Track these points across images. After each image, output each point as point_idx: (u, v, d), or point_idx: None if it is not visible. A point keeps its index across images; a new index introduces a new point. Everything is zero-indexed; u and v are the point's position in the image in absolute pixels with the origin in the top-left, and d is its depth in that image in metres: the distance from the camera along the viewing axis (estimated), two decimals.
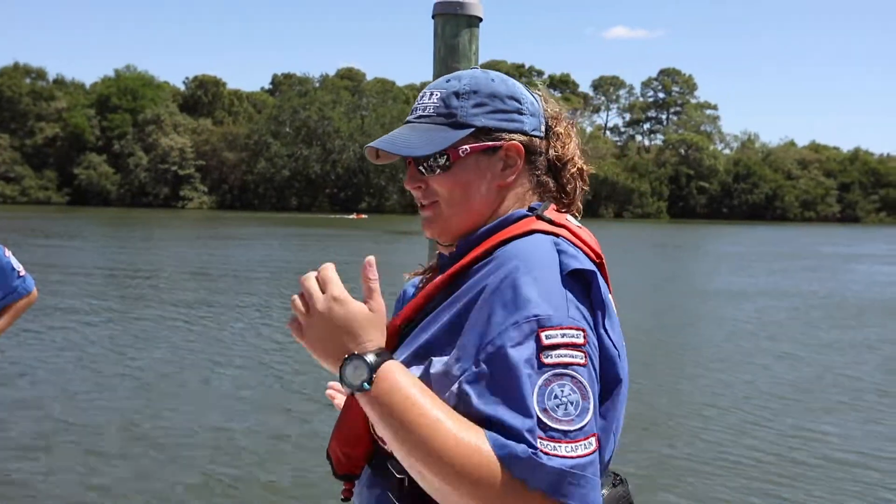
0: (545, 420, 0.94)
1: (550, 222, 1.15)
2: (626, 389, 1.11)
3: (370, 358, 1.01)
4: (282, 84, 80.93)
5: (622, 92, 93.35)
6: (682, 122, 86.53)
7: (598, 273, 1.10)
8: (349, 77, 79.54)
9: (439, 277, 1.15)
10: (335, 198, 69.22)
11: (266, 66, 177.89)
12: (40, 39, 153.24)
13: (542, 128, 1.20)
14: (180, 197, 66.31)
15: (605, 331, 1.07)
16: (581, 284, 1.07)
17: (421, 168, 1.18)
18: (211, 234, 33.27)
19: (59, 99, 68.09)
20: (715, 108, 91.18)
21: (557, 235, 1.12)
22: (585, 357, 0.99)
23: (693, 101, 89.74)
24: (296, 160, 68.24)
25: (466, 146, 1.15)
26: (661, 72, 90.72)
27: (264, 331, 10.85)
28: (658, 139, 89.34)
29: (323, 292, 1.05)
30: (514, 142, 1.16)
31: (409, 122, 1.21)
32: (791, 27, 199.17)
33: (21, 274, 3.58)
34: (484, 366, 0.98)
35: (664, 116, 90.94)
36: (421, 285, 2.56)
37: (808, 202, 78.63)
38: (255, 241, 29.37)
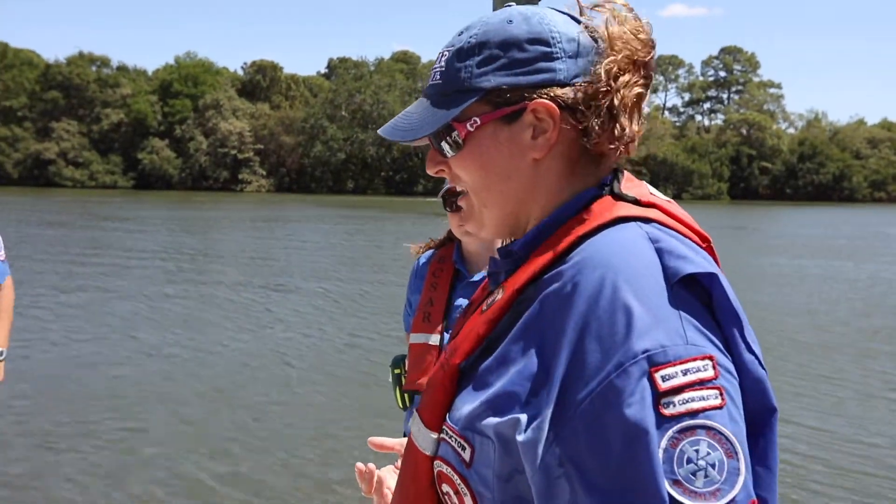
0: (682, 498, 0.69)
1: (636, 202, 0.88)
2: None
3: None
4: (337, 68, 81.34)
5: (681, 71, 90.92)
6: (743, 102, 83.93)
7: (719, 273, 0.81)
8: (404, 60, 79.50)
9: (503, 297, 0.87)
10: (391, 181, 69.52)
11: (322, 50, 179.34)
12: (102, 29, 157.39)
13: (597, 68, 0.87)
14: (239, 180, 67.48)
15: (746, 347, 0.80)
16: (697, 293, 0.79)
17: (439, 150, 0.93)
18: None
19: (123, 86, 69.88)
20: (779, 86, 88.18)
21: (647, 220, 0.85)
22: (721, 395, 0.73)
23: (756, 79, 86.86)
24: (351, 144, 68.70)
25: (476, 117, 0.89)
26: (722, 50, 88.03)
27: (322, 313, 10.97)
28: (718, 119, 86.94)
29: None
30: (540, 100, 0.86)
31: (423, 92, 0.97)
32: (860, 1, 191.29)
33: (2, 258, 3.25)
34: (582, 432, 0.73)
35: (725, 96, 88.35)
36: (435, 279, 2.57)
37: (878, 182, 75.57)
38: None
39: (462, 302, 2.45)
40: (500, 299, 0.87)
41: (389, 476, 1.22)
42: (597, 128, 0.87)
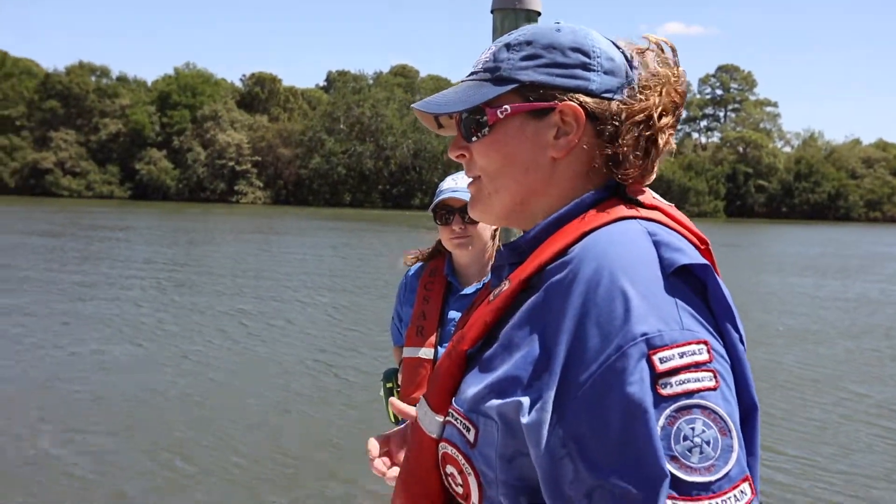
0: (678, 473, 0.73)
1: (639, 204, 0.93)
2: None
3: None
4: (336, 81, 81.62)
5: None
6: (740, 120, 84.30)
7: (711, 266, 0.85)
8: (403, 74, 79.80)
9: (509, 287, 0.91)
10: (388, 194, 69.59)
11: (321, 63, 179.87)
12: (103, 39, 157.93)
13: (628, 90, 0.94)
14: (236, 192, 67.51)
15: (736, 339, 0.83)
16: (692, 284, 0.83)
17: (464, 134, 0.99)
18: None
19: (122, 96, 69.98)
20: (775, 105, 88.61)
21: (648, 220, 0.89)
22: (715, 377, 0.77)
23: (752, 97, 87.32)
24: (349, 156, 68.81)
25: (507, 105, 0.94)
26: (719, 68, 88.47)
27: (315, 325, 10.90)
28: (715, 137, 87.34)
29: None
30: (570, 103, 0.92)
31: (463, 79, 1.03)
32: (856, 21, 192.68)
33: None
34: (584, 412, 0.76)
35: (722, 114, 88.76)
36: (428, 284, 2.53)
37: (873, 202, 75.75)
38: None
39: (455, 315, 2.43)
40: (506, 290, 0.90)
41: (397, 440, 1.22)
42: (632, 158, 0.93)
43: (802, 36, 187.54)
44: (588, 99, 0.92)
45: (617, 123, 0.92)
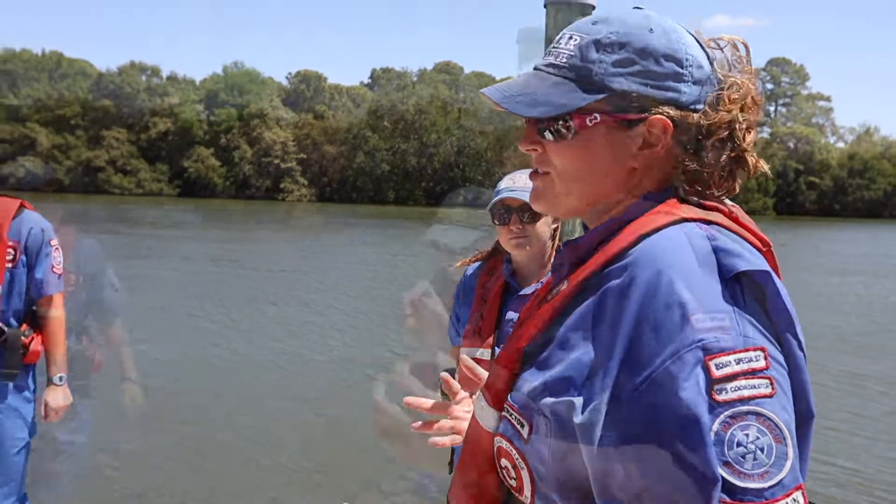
0: (731, 478, 0.74)
1: (699, 205, 0.91)
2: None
3: None
4: (380, 78, 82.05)
5: None
6: (791, 115, 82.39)
7: (773, 272, 0.85)
8: (447, 71, 79.82)
9: (567, 287, 0.91)
10: (431, 191, 69.74)
11: (365, 60, 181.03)
12: (153, 39, 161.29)
13: (711, 98, 0.92)
14: (281, 189, 68.35)
15: (795, 347, 0.84)
16: (751, 290, 0.83)
17: (540, 129, 0.95)
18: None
19: (171, 95, 71.45)
20: (828, 99, 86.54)
21: (708, 222, 0.88)
22: (772, 384, 0.78)
23: (804, 92, 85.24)
24: (393, 154, 69.14)
25: (597, 114, 0.91)
26: (770, 61, 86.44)
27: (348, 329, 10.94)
28: (765, 132, 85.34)
29: None
30: (660, 116, 0.90)
31: (536, 67, 0.96)
32: None
33: (57, 272, 3.26)
34: (638, 415, 0.77)
35: (772, 108, 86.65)
36: (485, 277, 2.53)
37: None
38: None
39: (513, 315, 2.41)
40: (564, 289, 0.91)
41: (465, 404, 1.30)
42: (717, 179, 0.93)
43: (858, 27, 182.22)
44: (676, 111, 0.90)
45: (699, 135, 0.91)
